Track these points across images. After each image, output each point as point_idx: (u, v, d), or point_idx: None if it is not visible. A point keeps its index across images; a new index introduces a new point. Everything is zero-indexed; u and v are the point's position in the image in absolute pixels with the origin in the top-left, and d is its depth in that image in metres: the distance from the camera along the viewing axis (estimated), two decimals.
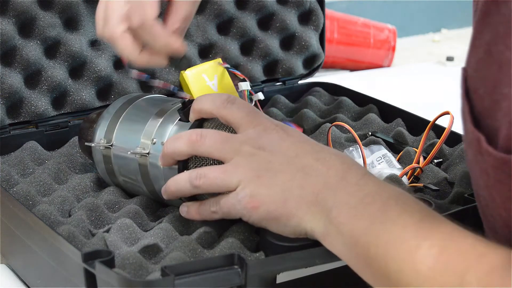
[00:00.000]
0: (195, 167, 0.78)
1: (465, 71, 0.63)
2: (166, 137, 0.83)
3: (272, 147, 0.74)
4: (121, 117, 0.89)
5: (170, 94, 1.03)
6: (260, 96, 1.08)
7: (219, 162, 0.76)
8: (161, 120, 0.84)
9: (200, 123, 0.80)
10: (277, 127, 0.76)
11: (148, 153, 0.83)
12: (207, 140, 0.76)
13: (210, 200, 0.77)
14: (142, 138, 0.85)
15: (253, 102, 1.05)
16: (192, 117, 0.81)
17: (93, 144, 0.90)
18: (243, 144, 0.75)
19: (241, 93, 1.08)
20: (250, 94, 1.08)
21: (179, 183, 0.77)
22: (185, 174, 0.77)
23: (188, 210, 0.79)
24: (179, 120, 0.83)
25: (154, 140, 0.83)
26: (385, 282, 0.64)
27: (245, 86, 1.09)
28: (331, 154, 0.74)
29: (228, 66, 1.03)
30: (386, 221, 0.66)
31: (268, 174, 0.73)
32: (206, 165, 0.78)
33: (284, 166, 0.73)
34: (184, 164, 0.79)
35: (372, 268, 0.65)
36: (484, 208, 0.65)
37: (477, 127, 0.61)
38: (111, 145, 0.88)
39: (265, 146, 0.74)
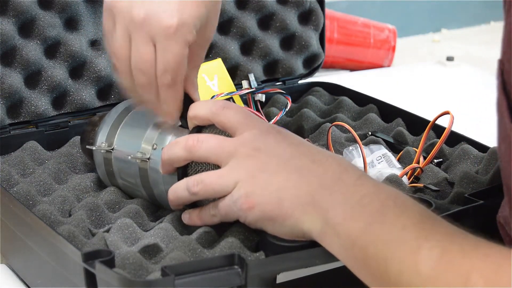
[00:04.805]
0: (195, 173, 0.78)
1: (501, 64, 0.62)
2: (167, 142, 0.83)
3: (268, 149, 0.74)
4: (123, 122, 0.89)
5: None
6: (261, 97, 1.08)
7: (218, 167, 0.76)
8: (162, 125, 0.85)
9: (198, 130, 0.80)
10: (273, 130, 0.76)
11: (148, 158, 0.84)
12: (204, 145, 0.76)
13: (209, 204, 0.77)
14: (143, 143, 0.85)
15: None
16: (190, 124, 0.81)
17: (94, 147, 0.90)
18: (239, 147, 0.75)
19: (244, 96, 1.08)
20: (253, 93, 1.08)
21: (178, 191, 0.78)
22: (183, 182, 0.77)
23: (190, 217, 0.80)
24: (180, 126, 0.83)
25: (155, 145, 0.84)
26: (384, 282, 0.64)
27: (246, 84, 1.10)
28: (327, 156, 0.74)
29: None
30: (385, 222, 0.66)
31: (263, 175, 0.73)
32: (205, 171, 0.78)
33: (279, 167, 0.73)
34: (183, 171, 0.79)
35: (371, 268, 0.65)
36: None
37: None
38: (112, 149, 0.88)
39: (261, 148, 0.74)
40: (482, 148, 0.97)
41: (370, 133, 1.07)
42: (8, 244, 0.87)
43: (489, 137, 0.91)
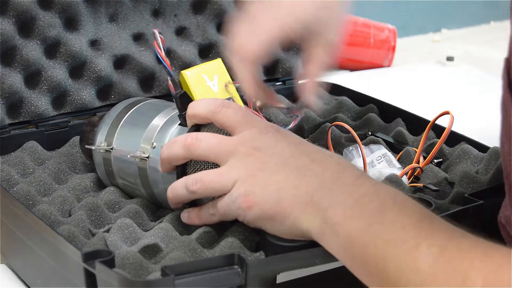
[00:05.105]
0: (194, 171, 0.78)
1: (508, 63, 0.62)
2: (166, 141, 0.83)
3: (267, 148, 0.74)
4: (122, 121, 0.89)
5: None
6: None
7: (217, 166, 0.76)
8: (161, 124, 0.85)
9: (197, 128, 0.80)
10: (272, 129, 0.76)
11: (147, 157, 0.84)
12: (203, 143, 0.76)
13: (208, 203, 0.77)
14: (142, 142, 0.85)
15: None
16: (189, 122, 0.81)
17: (93, 147, 0.90)
18: (239, 145, 0.75)
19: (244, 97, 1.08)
20: None
21: (176, 190, 0.78)
22: (182, 181, 0.77)
23: (189, 216, 0.80)
24: (179, 124, 0.83)
25: (154, 144, 0.84)
26: (383, 281, 0.64)
27: None
28: (326, 155, 0.74)
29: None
30: (384, 221, 0.66)
31: (262, 174, 0.73)
32: (204, 169, 0.78)
33: (279, 167, 0.73)
34: (182, 169, 0.79)
35: (369, 267, 0.65)
36: None
37: None
38: (112, 148, 0.88)
39: (260, 147, 0.74)
40: (482, 148, 0.97)
41: (370, 133, 1.07)
42: (8, 244, 0.87)
43: (489, 137, 0.91)
